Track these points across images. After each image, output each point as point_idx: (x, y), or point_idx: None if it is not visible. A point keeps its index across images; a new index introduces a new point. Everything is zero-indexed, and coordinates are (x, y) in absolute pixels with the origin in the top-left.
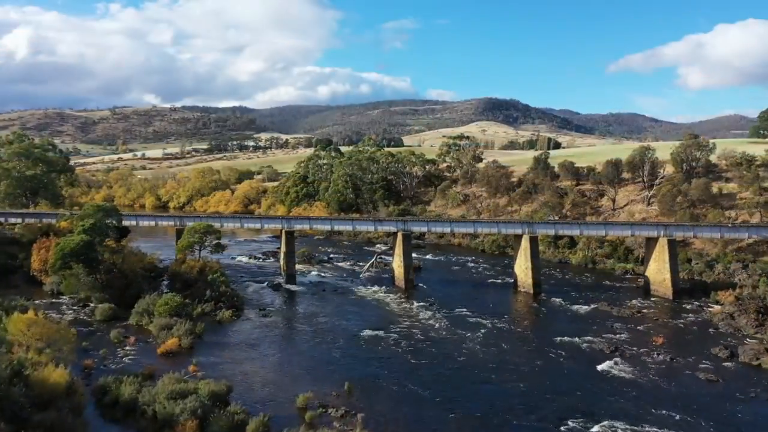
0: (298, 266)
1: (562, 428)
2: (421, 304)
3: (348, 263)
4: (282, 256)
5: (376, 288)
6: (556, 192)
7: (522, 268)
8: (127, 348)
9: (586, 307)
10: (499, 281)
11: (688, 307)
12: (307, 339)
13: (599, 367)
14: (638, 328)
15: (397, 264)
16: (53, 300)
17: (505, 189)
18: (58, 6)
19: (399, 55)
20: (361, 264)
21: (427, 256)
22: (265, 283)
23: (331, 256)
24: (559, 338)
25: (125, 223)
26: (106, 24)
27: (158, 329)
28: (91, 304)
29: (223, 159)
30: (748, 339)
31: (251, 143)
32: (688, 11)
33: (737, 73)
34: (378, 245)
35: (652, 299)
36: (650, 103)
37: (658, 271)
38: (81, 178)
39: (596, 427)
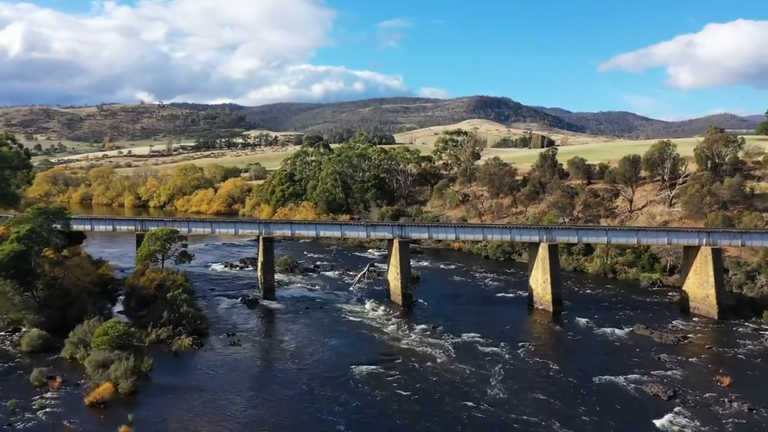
0: (279, 276)
1: None
2: (423, 327)
3: (336, 272)
4: (259, 266)
5: (369, 304)
6: (566, 192)
7: (539, 281)
8: (49, 395)
9: (619, 330)
10: (511, 295)
11: (741, 330)
12: (281, 379)
13: (658, 423)
14: (691, 360)
15: (393, 276)
16: None
17: (509, 188)
18: (53, 3)
19: (393, 53)
20: (351, 273)
21: (426, 263)
22: (239, 299)
23: (318, 264)
24: (597, 377)
25: (78, 227)
26: (100, 21)
27: (93, 367)
28: (24, 329)
29: (210, 156)
30: None
31: (240, 140)
32: (679, 11)
33: (727, 72)
34: (370, 250)
35: (695, 319)
36: (641, 102)
37: (700, 285)
38: (59, 175)
39: None
